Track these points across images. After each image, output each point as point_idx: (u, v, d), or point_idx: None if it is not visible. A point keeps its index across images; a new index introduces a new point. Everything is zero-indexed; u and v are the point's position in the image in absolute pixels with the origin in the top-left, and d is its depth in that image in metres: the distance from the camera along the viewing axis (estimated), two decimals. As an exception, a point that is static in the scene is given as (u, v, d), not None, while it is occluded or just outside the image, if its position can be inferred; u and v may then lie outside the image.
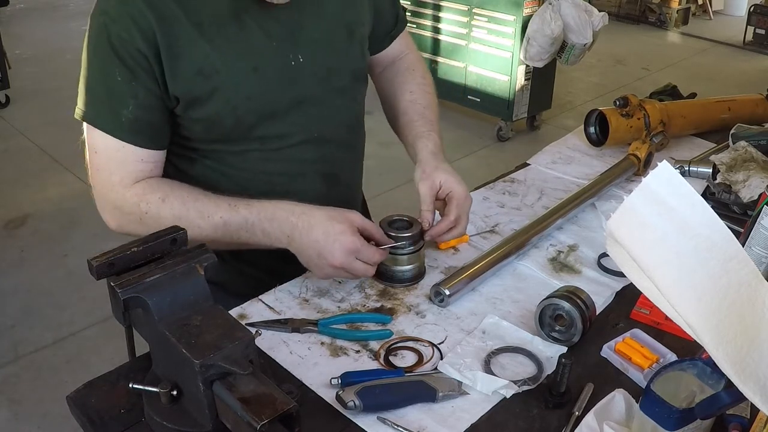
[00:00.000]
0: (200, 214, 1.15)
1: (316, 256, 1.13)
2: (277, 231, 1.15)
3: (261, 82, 1.19)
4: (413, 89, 1.45)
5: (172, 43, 1.12)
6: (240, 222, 1.15)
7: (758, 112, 2.00)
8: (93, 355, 2.78)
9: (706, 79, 6.10)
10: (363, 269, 1.16)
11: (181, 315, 0.90)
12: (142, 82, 1.12)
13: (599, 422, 0.94)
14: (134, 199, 1.17)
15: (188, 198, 1.17)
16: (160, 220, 1.14)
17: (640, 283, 0.75)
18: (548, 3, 4.37)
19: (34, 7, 7.65)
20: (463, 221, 1.27)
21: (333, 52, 1.28)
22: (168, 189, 1.18)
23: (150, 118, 1.16)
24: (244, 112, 1.20)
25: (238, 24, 1.16)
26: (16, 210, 3.80)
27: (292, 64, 1.22)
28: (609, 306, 1.25)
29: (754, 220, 1.25)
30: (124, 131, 1.14)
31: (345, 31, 1.30)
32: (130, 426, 0.97)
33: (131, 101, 1.13)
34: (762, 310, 0.71)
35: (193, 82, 1.14)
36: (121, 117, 1.13)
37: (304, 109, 1.27)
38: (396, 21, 1.49)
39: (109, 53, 1.11)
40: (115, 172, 1.17)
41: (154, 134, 1.18)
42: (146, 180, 1.19)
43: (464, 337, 1.15)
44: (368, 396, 0.98)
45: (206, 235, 1.15)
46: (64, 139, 4.56)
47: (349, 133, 1.39)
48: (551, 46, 4.41)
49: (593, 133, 1.85)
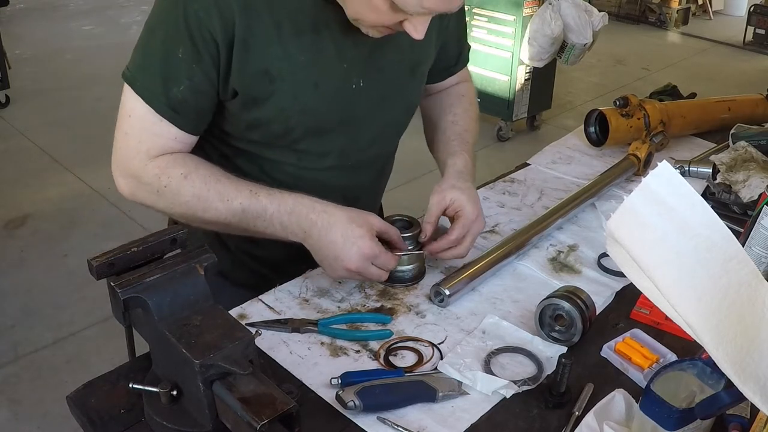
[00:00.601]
0: (220, 196, 1.13)
1: (333, 258, 1.12)
2: (295, 225, 1.13)
3: (318, 98, 1.17)
4: (457, 112, 1.44)
5: (248, 36, 1.07)
6: (259, 211, 1.13)
7: (758, 112, 2.00)
8: (93, 355, 2.78)
9: (706, 79, 6.10)
10: (377, 274, 1.16)
11: (181, 315, 0.90)
12: (203, 67, 1.08)
13: (599, 422, 0.94)
14: (155, 171, 1.13)
15: (210, 178, 1.14)
16: (179, 196, 1.13)
17: (640, 283, 0.75)
18: (548, 3, 4.37)
19: (34, 7, 7.65)
20: (466, 243, 1.24)
21: (391, 83, 1.27)
22: (192, 166, 1.14)
23: (198, 103, 1.13)
24: (295, 124, 1.19)
25: (316, 35, 1.12)
26: (16, 210, 3.80)
27: (353, 87, 1.20)
28: (609, 306, 1.25)
29: (754, 220, 1.25)
30: (169, 109, 1.11)
31: (408, 66, 1.28)
32: (130, 426, 0.97)
33: (186, 82, 1.09)
34: (762, 310, 0.71)
35: (257, 80, 1.12)
36: (169, 93, 1.09)
37: (349, 133, 1.26)
38: (458, 59, 1.46)
39: (179, 27, 1.06)
40: (145, 141, 1.13)
41: (197, 119, 1.15)
42: (172, 154, 1.15)
43: (464, 337, 1.15)
44: (368, 396, 0.98)
45: (224, 218, 1.14)
46: (64, 139, 4.57)
47: (384, 160, 1.40)
48: (551, 46, 4.42)
49: (593, 133, 1.85)
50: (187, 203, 1.14)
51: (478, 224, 1.25)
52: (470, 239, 1.25)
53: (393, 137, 1.39)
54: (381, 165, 1.41)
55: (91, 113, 4.97)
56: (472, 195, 1.26)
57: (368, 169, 1.36)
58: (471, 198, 1.25)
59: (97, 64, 5.90)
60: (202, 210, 1.13)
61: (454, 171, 1.30)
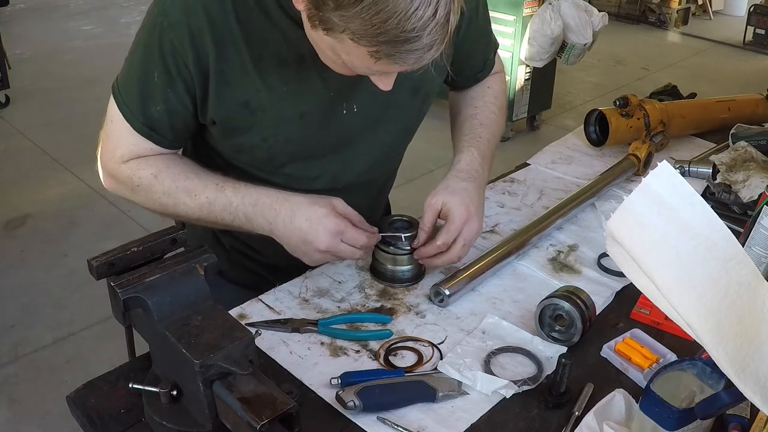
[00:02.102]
0: (188, 192, 1.16)
1: (302, 243, 1.13)
2: (260, 217, 1.14)
3: (305, 127, 1.17)
4: (478, 105, 1.40)
5: (225, 69, 1.09)
6: (225, 204, 1.15)
7: (758, 112, 2.00)
8: (93, 355, 2.78)
9: (706, 79, 6.09)
10: (349, 251, 1.15)
11: (181, 315, 0.90)
12: (177, 93, 1.11)
13: (599, 422, 0.94)
14: (128, 173, 1.18)
15: (179, 176, 1.17)
16: (151, 194, 1.17)
17: (640, 283, 0.75)
18: (548, 3, 4.36)
19: (34, 7, 7.64)
20: (455, 248, 1.20)
21: (388, 106, 1.23)
22: (162, 166, 1.17)
23: (173, 123, 1.15)
24: (279, 151, 1.20)
25: (298, 65, 1.11)
26: (16, 210, 3.80)
27: (344, 113, 1.19)
28: (609, 306, 1.25)
29: (754, 220, 1.25)
30: (146, 127, 1.14)
31: (407, 87, 1.23)
32: (130, 426, 0.97)
33: (161, 104, 1.12)
34: (762, 310, 0.71)
35: (237, 112, 1.13)
36: (146, 112, 1.13)
37: (342, 159, 1.25)
38: (484, 65, 1.43)
39: (155, 53, 1.08)
40: (120, 147, 1.17)
41: (173, 137, 1.18)
42: (143, 156, 1.18)
43: (464, 337, 1.15)
44: (368, 396, 0.98)
45: (192, 213, 1.17)
46: (64, 139, 4.57)
47: (385, 179, 1.38)
48: (551, 46, 4.41)
49: (593, 133, 1.85)
50: (159, 200, 1.18)
51: (469, 228, 1.20)
52: (461, 244, 1.20)
53: (392, 159, 1.36)
54: (380, 185, 1.38)
55: (91, 113, 4.95)
56: (465, 197, 1.21)
57: (365, 190, 1.34)
58: (462, 200, 1.20)
59: (97, 64, 5.90)
60: (173, 206, 1.17)
61: (454, 170, 1.27)
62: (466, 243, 1.21)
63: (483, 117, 1.37)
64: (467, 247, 1.22)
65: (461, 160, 1.28)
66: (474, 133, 1.34)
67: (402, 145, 1.36)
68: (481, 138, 1.33)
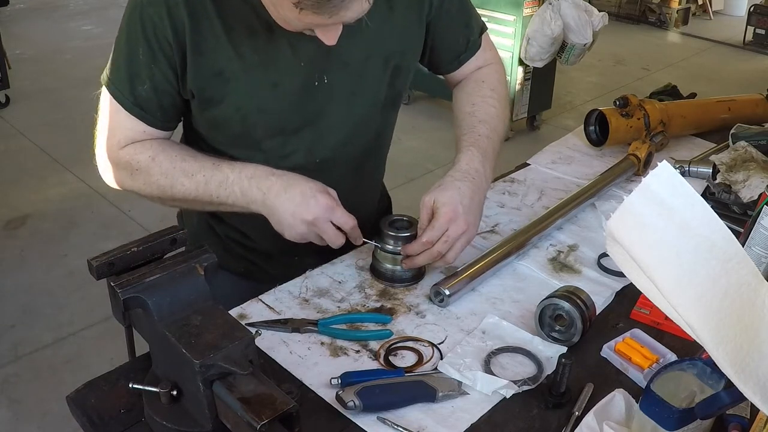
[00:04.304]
0: (185, 172, 1.18)
1: (290, 213, 1.14)
2: (255, 189, 1.16)
3: (277, 98, 1.20)
4: (475, 101, 1.38)
5: (199, 41, 1.13)
6: (221, 179, 1.17)
7: (758, 112, 2.00)
8: (93, 355, 2.78)
9: (706, 79, 6.10)
10: (334, 234, 1.16)
11: (181, 315, 0.90)
12: (160, 68, 1.15)
13: (599, 422, 0.94)
14: (126, 158, 1.21)
15: (176, 158, 1.20)
16: (150, 176, 1.20)
17: (640, 283, 0.76)
18: (548, 3, 4.37)
19: (34, 7, 7.64)
20: (436, 246, 1.19)
21: (361, 77, 1.25)
22: (159, 149, 1.21)
23: (161, 101, 1.19)
24: (253, 123, 1.22)
25: (268, 36, 1.15)
26: (16, 210, 3.80)
27: (316, 84, 1.21)
28: (609, 306, 1.25)
29: (754, 220, 1.25)
30: (135, 106, 1.18)
31: (379, 59, 1.25)
32: (130, 426, 0.97)
33: (147, 82, 1.16)
34: (762, 310, 0.71)
35: (210, 82, 1.16)
36: (135, 92, 1.17)
37: (315, 130, 1.25)
38: (467, 46, 1.41)
39: (138, 30, 1.13)
40: (116, 134, 1.22)
41: (163, 116, 1.21)
42: (140, 141, 1.22)
43: (464, 337, 1.15)
44: (368, 396, 0.98)
45: (189, 193, 1.19)
46: (64, 139, 4.57)
47: (364, 156, 1.36)
48: (551, 46, 4.41)
49: (593, 133, 1.85)
50: (157, 182, 1.20)
51: (456, 226, 1.19)
52: (443, 240, 1.19)
53: (368, 135, 1.34)
54: (358, 165, 1.36)
55: (90, 113, 4.90)
56: (456, 195, 1.20)
57: (341, 168, 1.32)
58: (452, 198, 1.19)
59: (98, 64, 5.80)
60: (170, 187, 1.19)
61: (452, 170, 1.26)
62: (448, 240, 1.19)
63: (481, 113, 1.36)
64: (450, 244, 1.20)
65: (460, 160, 1.28)
66: (473, 131, 1.33)
67: (377, 122, 1.34)
68: (481, 135, 1.32)
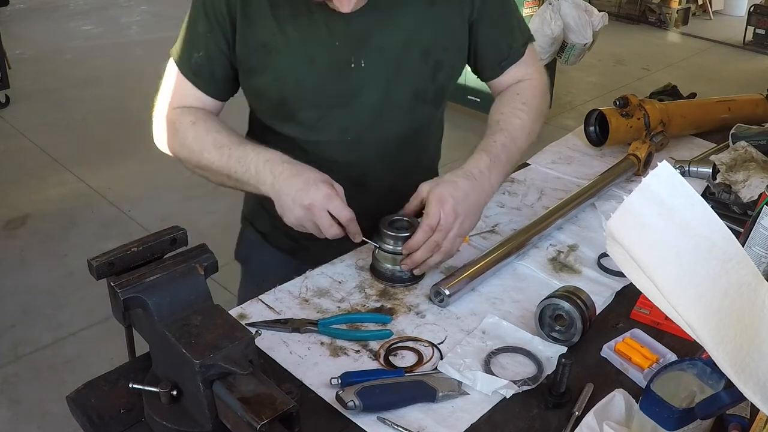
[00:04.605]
0: (215, 143, 1.28)
1: (291, 199, 1.19)
2: (267, 171, 1.22)
3: (313, 73, 1.28)
4: (504, 110, 1.40)
5: (248, 13, 1.26)
6: (241, 155, 1.25)
7: (758, 112, 2.00)
8: (93, 355, 2.78)
9: (706, 79, 6.10)
10: (327, 222, 1.18)
11: (180, 315, 0.90)
12: (215, 38, 1.28)
13: (599, 422, 0.94)
14: (172, 117, 1.34)
15: (212, 129, 1.30)
16: (185, 139, 1.31)
17: (640, 283, 0.75)
18: (548, 3, 4.37)
19: (34, 7, 7.64)
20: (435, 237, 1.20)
21: (397, 65, 1.30)
22: (201, 117, 1.32)
23: (213, 69, 1.31)
24: (290, 94, 1.30)
25: (308, 16, 1.25)
26: (16, 210, 3.80)
27: (351, 66, 1.27)
28: (609, 306, 1.25)
29: (754, 220, 1.25)
30: (190, 71, 1.32)
31: (418, 50, 1.30)
32: (130, 426, 0.97)
33: (202, 50, 1.30)
34: (762, 310, 0.71)
35: (255, 52, 1.28)
36: (191, 58, 1.31)
37: (349, 111, 1.31)
38: (509, 52, 1.43)
39: (199, 6, 1.29)
40: (173, 95, 1.35)
41: (214, 84, 1.34)
42: (189, 107, 1.34)
43: (464, 337, 1.15)
44: (368, 396, 0.98)
45: (212, 163, 1.27)
46: (64, 139, 4.57)
47: (398, 145, 1.38)
48: (551, 46, 4.41)
49: (593, 133, 1.85)
50: (190, 146, 1.30)
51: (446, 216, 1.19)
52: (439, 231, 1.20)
53: (403, 124, 1.37)
54: (391, 152, 1.38)
55: (91, 113, 4.97)
56: (448, 186, 1.21)
57: (372, 151, 1.36)
58: (444, 189, 1.20)
59: (97, 64, 5.90)
60: (199, 152, 1.29)
61: (456, 169, 1.27)
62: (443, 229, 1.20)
63: (505, 122, 1.37)
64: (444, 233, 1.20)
65: (468, 161, 1.29)
66: (491, 138, 1.34)
67: (411, 111, 1.36)
68: (496, 142, 1.33)
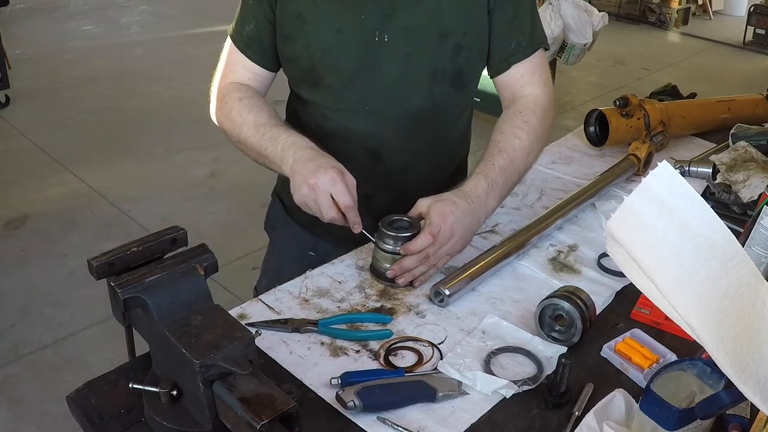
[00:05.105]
0: (255, 121, 1.38)
1: (302, 178, 1.25)
2: (291, 153, 1.30)
3: (340, 42, 1.37)
4: (504, 129, 1.41)
5: None
6: (274, 135, 1.34)
7: (758, 112, 2.00)
8: (93, 355, 2.78)
9: (706, 79, 6.10)
10: (327, 204, 1.22)
11: (180, 315, 0.90)
12: (262, 9, 1.40)
13: (599, 422, 0.94)
14: (224, 91, 1.45)
15: (255, 107, 1.40)
16: (231, 112, 1.41)
17: (640, 283, 0.75)
18: (548, 3, 4.36)
19: (34, 7, 7.64)
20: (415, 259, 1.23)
21: (418, 44, 1.38)
22: (249, 95, 1.43)
23: (263, 39, 1.43)
24: (319, 60, 1.39)
25: None
26: (16, 210, 3.79)
27: (376, 40, 1.36)
28: (609, 306, 1.25)
29: (754, 220, 1.25)
30: (242, 42, 1.44)
31: (438, 32, 1.37)
32: (130, 426, 0.97)
33: (253, 21, 1.42)
34: (762, 310, 0.71)
35: (291, 22, 1.39)
36: (243, 31, 1.44)
37: (370, 81, 1.39)
38: (517, 50, 1.44)
39: None
40: (226, 68, 1.48)
41: (263, 53, 1.45)
42: (241, 84, 1.45)
43: (464, 337, 1.15)
44: (368, 396, 0.98)
45: (249, 138, 1.37)
46: (64, 139, 4.57)
47: (416, 121, 1.43)
48: (551, 46, 4.41)
49: (593, 133, 1.85)
50: (233, 120, 1.41)
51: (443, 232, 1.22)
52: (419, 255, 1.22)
53: (422, 102, 1.42)
54: (408, 127, 1.43)
55: (91, 113, 4.97)
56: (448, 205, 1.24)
57: (391, 122, 1.43)
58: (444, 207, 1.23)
59: (97, 64, 5.90)
60: (239, 127, 1.39)
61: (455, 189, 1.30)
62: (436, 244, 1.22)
63: (504, 143, 1.38)
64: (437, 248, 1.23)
65: (466, 183, 1.31)
66: (490, 160, 1.35)
67: (429, 89, 1.41)
68: (494, 165, 1.34)
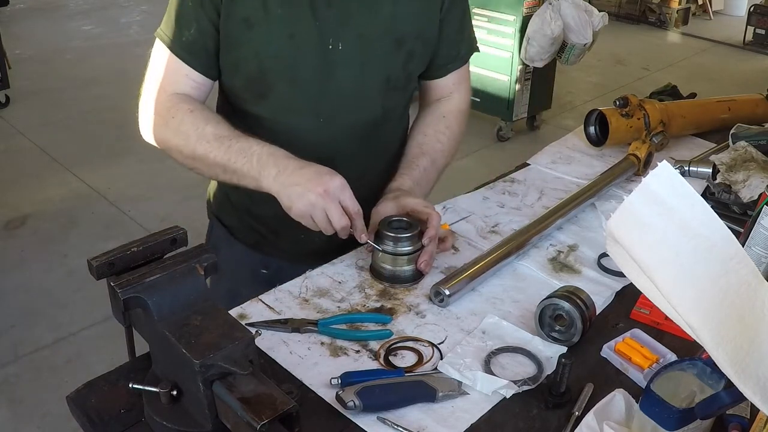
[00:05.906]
0: (215, 134, 1.27)
1: (304, 183, 1.19)
2: (271, 164, 1.22)
3: (292, 48, 1.29)
4: (428, 132, 1.48)
5: None
6: (244, 147, 1.24)
7: (758, 112, 2.00)
8: (93, 355, 2.78)
9: (706, 79, 6.10)
10: (338, 213, 1.18)
11: (180, 315, 0.90)
12: (206, 12, 1.28)
13: (599, 422, 0.94)
14: (168, 105, 1.31)
15: (212, 119, 1.29)
16: (182, 125, 1.29)
17: (640, 283, 0.76)
18: (548, 3, 4.37)
19: (34, 7, 7.64)
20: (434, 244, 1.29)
21: (372, 51, 1.33)
22: (199, 107, 1.32)
23: (205, 43, 1.31)
24: (268, 67, 1.31)
25: None
26: (16, 210, 3.80)
27: (330, 47, 1.30)
28: (609, 306, 1.25)
29: (754, 220, 1.25)
30: (182, 49, 1.31)
31: (393, 39, 1.34)
32: (130, 426, 0.97)
33: (194, 25, 1.29)
34: (762, 310, 0.71)
35: (237, 26, 1.28)
36: (182, 36, 1.30)
37: (324, 89, 1.33)
38: (457, 56, 1.48)
39: None
40: (163, 80, 1.33)
41: (206, 60, 1.33)
42: (185, 94, 1.33)
43: (464, 337, 1.15)
44: (368, 396, 0.98)
45: (209, 152, 1.26)
46: (64, 139, 4.57)
47: (370, 129, 1.41)
48: (551, 46, 4.42)
49: (593, 133, 1.85)
50: (186, 133, 1.28)
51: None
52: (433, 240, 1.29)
53: (375, 109, 1.40)
54: (362, 135, 1.41)
55: (91, 113, 4.97)
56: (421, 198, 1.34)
57: (345, 133, 1.38)
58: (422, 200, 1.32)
59: (97, 64, 5.90)
60: (195, 140, 1.27)
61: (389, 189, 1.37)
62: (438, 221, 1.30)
63: (428, 146, 1.45)
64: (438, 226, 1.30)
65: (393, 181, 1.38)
66: (414, 161, 1.42)
67: (383, 97, 1.39)
68: (418, 166, 1.42)
